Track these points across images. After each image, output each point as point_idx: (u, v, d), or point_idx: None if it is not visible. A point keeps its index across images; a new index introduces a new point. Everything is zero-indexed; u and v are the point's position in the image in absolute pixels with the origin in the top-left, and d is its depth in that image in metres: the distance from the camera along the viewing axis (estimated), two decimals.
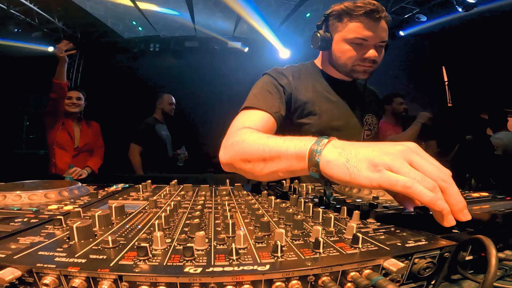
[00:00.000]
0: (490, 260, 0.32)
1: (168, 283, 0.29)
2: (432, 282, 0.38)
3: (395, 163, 0.45)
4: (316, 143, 0.56)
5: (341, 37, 1.01)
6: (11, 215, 0.50)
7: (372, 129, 1.20)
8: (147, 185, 0.78)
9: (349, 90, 1.15)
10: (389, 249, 0.36)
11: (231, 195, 0.72)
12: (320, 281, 0.31)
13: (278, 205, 0.55)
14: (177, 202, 0.55)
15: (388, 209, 0.57)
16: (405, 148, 0.47)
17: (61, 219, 0.44)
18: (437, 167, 0.45)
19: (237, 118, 0.93)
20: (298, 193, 0.76)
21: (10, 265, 0.30)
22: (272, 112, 0.94)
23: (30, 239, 0.38)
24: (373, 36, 0.96)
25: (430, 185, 0.43)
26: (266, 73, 1.08)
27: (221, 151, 0.82)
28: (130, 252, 0.34)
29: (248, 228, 0.45)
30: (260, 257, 0.33)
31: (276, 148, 0.65)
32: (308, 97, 1.05)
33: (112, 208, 0.49)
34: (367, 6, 0.92)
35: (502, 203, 0.58)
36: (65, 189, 0.68)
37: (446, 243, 0.38)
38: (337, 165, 0.51)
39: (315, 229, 0.39)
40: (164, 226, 0.43)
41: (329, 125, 1.06)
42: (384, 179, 0.45)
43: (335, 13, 1.00)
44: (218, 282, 0.29)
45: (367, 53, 0.99)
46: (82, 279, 0.29)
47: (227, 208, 0.54)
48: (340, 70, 1.08)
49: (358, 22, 0.95)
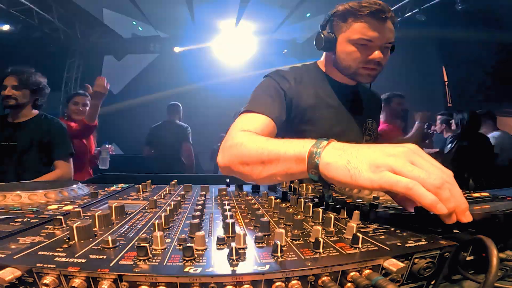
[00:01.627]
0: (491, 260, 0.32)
1: (168, 283, 0.29)
2: (432, 282, 0.38)
3: (397, 163, 0.45)
4: (316, 145, 0.56)
5: (345, 38, 0.98)
6: (11, 215, 0.50)
7: (372, 134, 1.19)
8: (147, 185, 0.78)
9: (351, 94, 1.13)
10: (389, 249, 0.36)
11: (231, 195, 0.72)
12: (320, 281, 0.31)
13: (278, 205, 0.55)
14: (177, 202, 0.55)
15: (389, 209, 0.57)
16: (406, 150, 0.47)
17: (61, 219, 0.44)
18: (439, 168, 0.45)
19: (236, 121, 0.91)
20: (298, 193, 0.76)
21: (10, 265, 0.30)
22: (273, 117, 0.92)
23: (30, 239, 0.38)
24: (378, 37, 0.93)
25: (437, 181, 0.42)
26: (268, 76, 1.06)
27: (219, 154, 0.81)
28: (130, 252, 0.34)
29: (248, 228, 0.45)
30: (260, 257, 0.33)
31: (275, 150, 0.65)
32: (310, 104, 1.03)
33: (112, 208, 0.49)
34: (372, 6, 0.89)
35: (502, 203, 0.58)
36: (65, 189, 0.68)
37: (446, 243, 0.38)
38: (338, 166, 0.50)
39: (315, 229, 0.39)
40: (164, 226, 0.43)
41: (329, 131, 1.05)
42: (386, 180, 0.45)
43: (339, 13, 0.98)
44: (218, 282, 0.29)
45: (372, 55, 0.96)
46: (82, 279, 0.29)
47: (227, 208, 0.54)
48: (344, 73, 1.06)
49: (363, 22, 0.93)
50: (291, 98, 1.01)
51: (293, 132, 1.04)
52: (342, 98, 1.10)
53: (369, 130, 1.18)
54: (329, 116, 1.06)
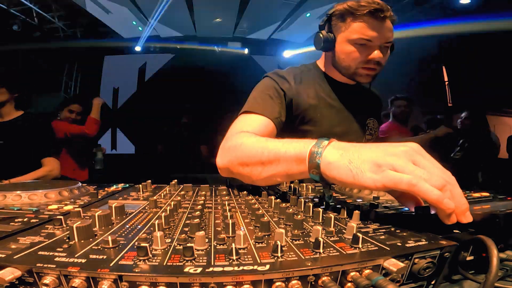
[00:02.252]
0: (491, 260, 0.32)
1: (168, 283, 0.29)
2: (432, 282, 0.38)
3: (398, 163, 0.45)
4: (316, 144, 0.56)
5: (344, 37, 0.97)
6: (11, 215, 0.49)
7: (373, 133, 1.19)
8: (147, 185, 0.78)
9: (351, 94, 1.12)
10: (389, 249, 0.36)
11: (231, 195, 0.72)
12: (320, 281, 0.31)
13: (278, 205, 0.55)
14: (177, 202, 0.55)
15: (389, 209, 0.57)
16: (408, 149, 0.47)
17: (61, 219, 0.44)
18: (440, 168, 0.45)
19: (235, 122, 0.91)
20: (298, 193, 0.76)
21: (10, 265, 0.30)
22: (273, 118, 0.91)
23: (30, 239, 0.38)
24: (378, 36, 0.93)
25: (439, 182, 0.42)
26: (267, 76, 1.05)
27: (219, 155, 0.80)
28: (130, 252, 0.34)
29: (248, 228, 0.45)
30: (260, 257, 0.33)
31: (274, 151, 0.64)
32: (310, 104, 1.03)
33: (112, 208, 0.49)
34: (371, 5, 0.89)
35: (503, 203, 0.58)
36: (65, 189, 0.68)
37: (447, 243, 0.38)
38: (339, 166, 0.50)
39: (315, 229, 0.39)
40: (164, 226, 0.43)
41: (330, 131, 1.04)
42: (389, 179, 0.45)
43: (338, 12, 0.97)
44: (218, 282, 0.29)
45: (372, 54, 0.95)
46: (82, 279, 0.29)
47: (227, 208, 0.54)
48: (343, 73, 1.05)
49: (362, 22, 0.92)
50: (291, 98, 1.01)
51: (294, 132, 1.03)
52: (343, 97, 1.10)
53: (370, 130, 1.18)
54: (329, 116, 1.06)
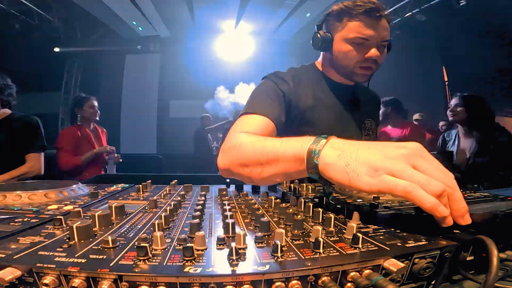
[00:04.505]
0: (492, 260, 0.32)
1: (168, 283, 0.29)
2: (432, 282, 0.38)
3: (397, 167, 0.44)
4: (314, 143, 0.55)
5: (341, 37, 0.98)
6: (11, 215, 0.50)
7: (371, 134, 1.19)
8: (147, 185, 0.78)
9: (350, 94, 1.13)
10: (389, 249, 0.36)
11: (231, 195, 0.72)
12: (320, 281, 0.31)
13: (278, 205, 0.55)
14: (177, 202, 0.55)
15: (389, 209, 0.57)
16: (408, 152, 0.45)
17: (61, 219, 0.44)
18: (442, 171, 0.44)
19: (236, 123, 0.91)
20: (298, 193, 0.76)
21: (10, 265, 0.30)
22: (273, 118, 0.92)
23: (30, 239, 0.38)
24: (374, 35, 0.94)
25: (436, 188, 0.41)
26: (266, 77, 1.05)
27: (219, 156, 0.80)
28: (130, 252, 0.34)
29: (248, 228, 0.45)
30: (260, 257, 0.33)
31: (273, 150, 0.64)
32: (308, 105, 1.03)
33: (112, 208, 0.49)
34: (366, 5, 0.90)
35: (503, 203, 0.58)
36: (65, 189, 0.68)
37: (447, 243, 0.38)
38: (336, 168, 0.49)
39: (315, 229, 0.38)
40: (164, 226, 0.43)
41: (329, 132, 1.04)
42: (384, 184, 0.44)
43: (334, 12, 0.98)
44: (218, 282, 0.29)
45: (369, 53, 0.96)
46: (82, 279, 0.29)
47: (227, 208, 0.54)
48: (341, 72, 1.06)
49: (358, 21, 0.93)
50: (290, 99, 1.01)
51: (293, 133, 1.03)
52: (341, 98, 1.10)
53: (368, 130, 1.18)
54: (328, 117, 1.06)
